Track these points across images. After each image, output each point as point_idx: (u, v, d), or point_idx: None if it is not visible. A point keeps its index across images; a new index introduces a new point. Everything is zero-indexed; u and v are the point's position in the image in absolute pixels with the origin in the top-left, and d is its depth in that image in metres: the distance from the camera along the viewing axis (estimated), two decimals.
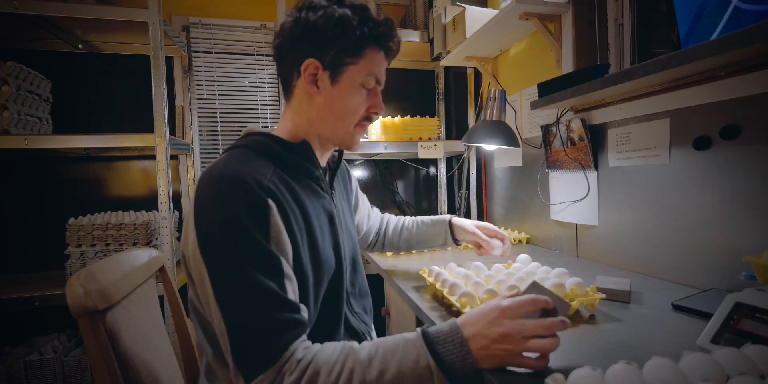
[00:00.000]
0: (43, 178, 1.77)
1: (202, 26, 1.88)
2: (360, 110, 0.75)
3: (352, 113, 0.74)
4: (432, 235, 1.14)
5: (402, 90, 2.27)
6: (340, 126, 0.74)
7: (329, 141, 0.77)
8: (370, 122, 0.79)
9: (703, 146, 0.90)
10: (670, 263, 0.99)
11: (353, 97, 0.73)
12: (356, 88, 0.73)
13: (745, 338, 0.51)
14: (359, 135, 0.78)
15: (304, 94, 0.73)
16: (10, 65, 1.43)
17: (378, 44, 0.73)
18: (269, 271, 0.58)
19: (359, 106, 0.74)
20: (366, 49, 0.72)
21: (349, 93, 0.72)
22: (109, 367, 0.59)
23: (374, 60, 0.73)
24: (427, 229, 1.15)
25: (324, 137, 0.76)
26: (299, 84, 0.73)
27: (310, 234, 0.69)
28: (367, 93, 0.75)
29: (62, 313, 1.49)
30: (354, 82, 0.72)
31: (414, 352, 0.54)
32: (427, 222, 1.16)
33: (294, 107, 0.76)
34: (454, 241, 1.13)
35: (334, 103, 0.73)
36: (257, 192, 0.61)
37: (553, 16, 1.30)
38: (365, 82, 0.73)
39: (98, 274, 0.64)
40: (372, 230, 1.17)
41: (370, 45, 0.72)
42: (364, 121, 0.77)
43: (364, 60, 0.72)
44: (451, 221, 1.13)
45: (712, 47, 0.66)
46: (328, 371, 0.53)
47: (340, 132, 0.75)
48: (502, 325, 0.55)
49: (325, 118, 0.74)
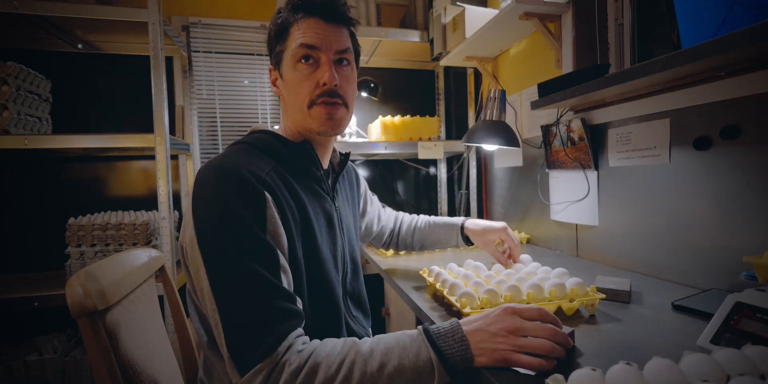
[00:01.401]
0: (43, 178, 1.76)
1: (202, 26, 1.88)
2: (304, 87, 0.70)
3: (298, 94, 0.71)
4: (445, 237, 1.15)
5: (402, 90, 2.27)
6: (298, 111, 0.73)
7: (307, 130, 0.74)
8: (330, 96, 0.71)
9: (703, 146, 0.90)
10: (670, 263, 0.99)
11: (292, 78, 0.71)
12: (292, 67, 0.71)
13: (745, 338, 0.51)
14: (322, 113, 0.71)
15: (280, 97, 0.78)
16: (10, 65, 1.43)
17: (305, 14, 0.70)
18: (265, 262, 0.58)
19: (301, 84, 0.70)
20: (289, 29, 0.71)
21: (289, 75, 0.72)
22: (108, 367, 0.59)
23: (301, 31, 0.70)
24: (439, 230, 1.16)
25: (304, 128, 0.74)
26: None
27: (307, 231, 0.69)
28: (312, 68, 0.70)
29: (62, 313, 1.49)
30: (288, 63, 0.72)
31: (415, 346, 0.55)
32: (440, 224, 1.16)
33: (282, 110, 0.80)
34: (466, 242, 1.14)
35: (286, 93, 0.75)
36: (254, 184, 0.61)
37: (553, 16, 1.30)
38: (296, 56, 0.70)
39: (98, 274, 0.64)
40: (386, 230, 1.18)
41: (293, 23, 0.70)
42: (321, 99, 0.71)
43: (290, 38, 0.71)
44: (464, 226, 1.13)
45: (712, 47, 0.66)
46: (329, 363, 0.53)
47: (300, 117, 0.73)
48: (502, 321, 0.56)
49: (290, 111, 0.75)
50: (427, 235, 1.17)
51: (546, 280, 0.82)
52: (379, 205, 1.17)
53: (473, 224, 1.11)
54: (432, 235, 1.16)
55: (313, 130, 0.73)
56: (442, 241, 1.16)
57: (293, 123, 0.76)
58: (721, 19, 0.71)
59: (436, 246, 1.18)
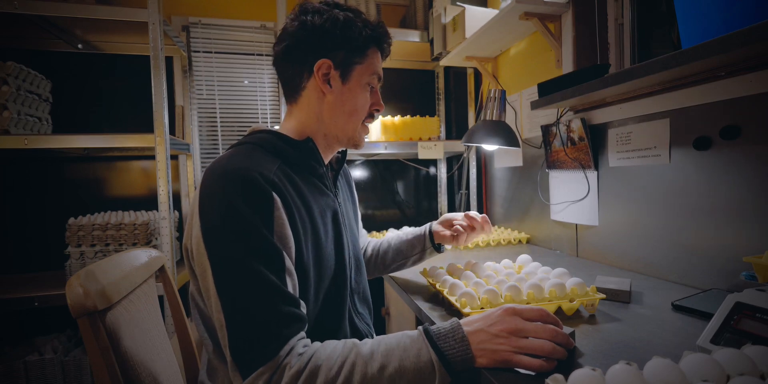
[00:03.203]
0: (43, 178, 1.76)
1: (202, 26, 1.88)
2: (366, 107, 0.79)
3: (360, 110, 0.78)
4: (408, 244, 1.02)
5: (402, 90, 2.27)
6: (350, 123, 0.78)
7: (337, 139, 0.79)
8: (373, 120, 0.83)
9: (703, 146, 0.90)
10: (670, 263, 0.99)
11: (361, 95, 0.77)
12: (363, 86, 0.77)
13: (745, 338, 0.51)
14: (365, 133, 0.82)
15: (314, 93, 0.76)
16: (10, 65, 1.43)
17: (377, 45, 0.78)
18: (271, 264, 0.58)
19: (366, 104, 0.79)
20: (368, 50, 0.76)
21: (358, 91, 0.77)
22: (108, 367, 0.59)
23: (375, 60, 0.78)
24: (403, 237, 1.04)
25: (332, 135, 0.78)
26: (310, 84, 0.75)
27: (313, 230, 0.69)
28: (371, 91, 0.80)
29: (62, 313, 1.49)
30: (361, 80, 0.77)
31: (416, 347, 0.55)
32: (406, 232, 1.05)
33: (302, 106, 0.77)
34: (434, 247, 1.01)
35: (345, 102, 0.76)
36: (262, 185, 0.61)
37: (553, 16, 1.30)
38: (370, 81, 0.78)
39: (98, 274, 0.64)
40: None
41: (372, 46, 0.77)
42: (367, 119, 0.81)
43: (368, 60, 0.77)
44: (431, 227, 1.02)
45: (712, 47, 0.66)
46: (329, 365, 0.53)
47: (350, 129, 0.78)
48: (503, 322, 0.56)
49: (336, 117, 0.76)
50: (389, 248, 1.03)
51: (546, 280, 0.82)
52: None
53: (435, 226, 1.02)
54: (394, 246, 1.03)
55: (349, 142, 0.80)
56: (404, 249, 1.02)
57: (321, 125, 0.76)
58: (722, 19, 0.71)
59: (399, 256, 1.02)
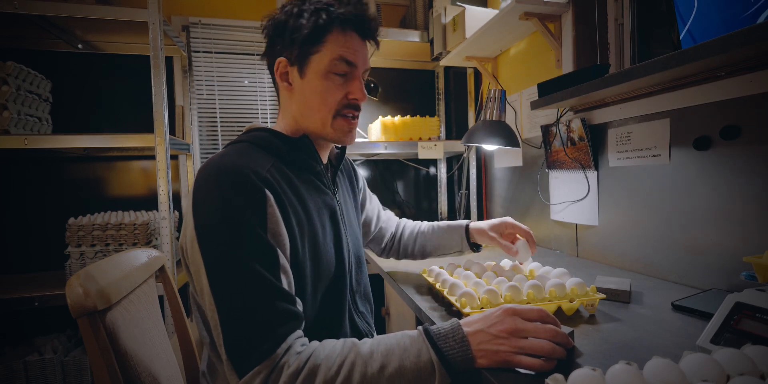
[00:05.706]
0: (43, 178, 1.76)
1: (202, 26, 1.88)
2: (333, 98, 0.72)
3: (326, 103, 0.72)
4: (448, 240, 1.07)
5: (402, 90, 2.27)
6: (318, 118, 0.73)
7: (318, 135, 0.76)
8: (354, 111, 0.75)
9: (703, 146, 0.90)
10: (670, 263, 0.99)
11: (322, 86, 0.71)
12: (324, 76, 0.71)
13: (745, 338, 0.51)
14: (345, 126, 0.75)
15: (285, 93, 0.76)
16: (10, 65, 1.43)
17: (343, 26, 0.71)
18: (265, 262, 0.58)
19: (331, 94, 0.72)
20: (327, 35, 0.70)
21: (318, 82, 0.71)
22: (108, 367, 0.59)
23: (341, 43, 0.71)
24: (442, 233, 1.08)
25: (311, 132, 0.76)
26: (279, 84, 0.75)
27: (310, 228, 0.69)
28: (343, 80, 0.73)
29: (62, 313, 1.49)
30: (319, 70, 0.71)
31: (416, 347, 0.55)
32: (443, 227, 1.09)
33: (284, 105, 0.77)
34: (471, 246, 1.05)
35: (307, 96, 0.73)
36: (254, 182, 0.61)
37: (553, 16, 1.30)
38: (333, 68, 0.71)
39: (98, 274, 0.64)
40: (385, 232, 1.12)
41: (332, 29, 0.70)
42: (346, 110, 0.74)
43: (328, 46, 0.70)
44: (468, 226, 1.06)
45: (712, 47, 0.66)
46: (329, 364, 0.53)
47: (320, 124, 0.74)
48: (503, 323, 0.56)
49: (305, 113, 0.74)
50: (429, 239, 1.09)
51: (546, 279, 0.82)
52: (379, 205, 1.13)
53: (476, 224, 1.05)
54: (434, 239, 1.08)
55: (330, 139, 0.76)
56: (444, 245, 1.07)
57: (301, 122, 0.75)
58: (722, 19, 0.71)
59: (438, 251, 1.09)
